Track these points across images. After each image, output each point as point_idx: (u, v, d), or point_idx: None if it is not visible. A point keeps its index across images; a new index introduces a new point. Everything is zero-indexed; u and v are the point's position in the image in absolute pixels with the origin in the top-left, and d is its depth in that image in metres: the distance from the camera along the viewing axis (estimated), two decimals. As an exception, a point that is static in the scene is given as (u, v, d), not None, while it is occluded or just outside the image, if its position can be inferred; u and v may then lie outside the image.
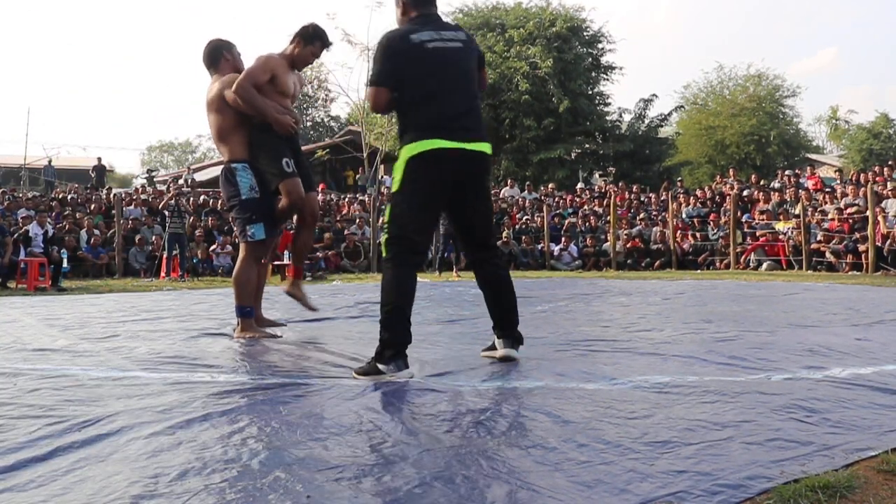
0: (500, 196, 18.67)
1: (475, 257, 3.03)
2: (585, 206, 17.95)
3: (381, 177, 22.57)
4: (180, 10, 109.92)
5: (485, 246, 3.01)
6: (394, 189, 2.85)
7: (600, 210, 17.39)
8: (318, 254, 13.84)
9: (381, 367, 2.67)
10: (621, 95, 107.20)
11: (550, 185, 21.43)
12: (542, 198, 18.86)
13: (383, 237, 2.85)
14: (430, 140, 2.76)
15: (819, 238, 12.52)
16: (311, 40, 3.95)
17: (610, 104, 27.78)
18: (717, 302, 6.06)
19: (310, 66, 4.02)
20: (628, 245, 14.99)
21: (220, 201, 16.73)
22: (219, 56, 4.04)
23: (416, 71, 2.82)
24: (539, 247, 15.67)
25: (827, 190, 14.65)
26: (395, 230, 2.81)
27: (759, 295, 6.86)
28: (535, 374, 2.75)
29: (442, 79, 2.84)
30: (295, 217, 4.23)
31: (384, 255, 2.84)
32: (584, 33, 26.89)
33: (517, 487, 1.56)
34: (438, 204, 2.89)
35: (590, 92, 26.86)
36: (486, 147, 2.90)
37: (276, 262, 10.32)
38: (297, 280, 4.21)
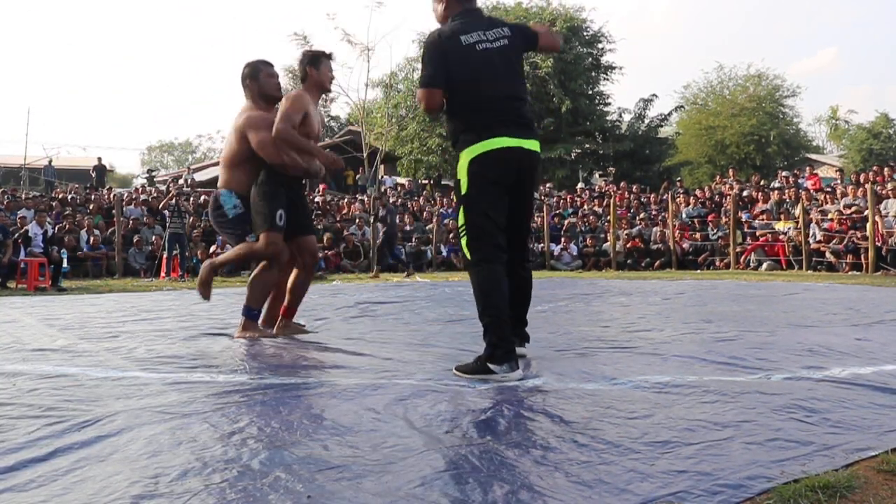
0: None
1: (509, 256, 2.96)
2: (585, 206, 17.96)
3: (381, 177, 22.55)
4: (180, 10, 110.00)
5: (521, 245, 3.02)
6: (462, 192, 2.81)
7: (600, 210, 17.40)
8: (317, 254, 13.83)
9: (492, 366, 2.66)
10: (621, 95, 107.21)
11: (548, 185, 21.44)
12: (542, 198, 18.86)
13: (464, 240, 2.82)
14: (491, 140, 2.76)
15: (819, 238, 12.52)
16: (319, 60, 3.99)
17: (610, 104, 27.81)
18: (717, 302, 6.06)
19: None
20: (628, 245, 15.00)
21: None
22: (244, 84, 4.07)
23: (468, 73, 2.81)
24: (539, 247, 15.67)
25: (827, 190, 14.65)
26: (475, 231, 2.79)
27: (759, 295, 6.86)
28: (536, 374, 2.75)
29: (493, 80, 2.83)
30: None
31: (469, 258, 2.81)
32: (584, 33, 26.89)
33: (517, 487, 1.56)
34: (505, 200, 2.85)
35: (590, 92, 26.86)
36: (538, 145, 2.92)
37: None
38: (289, 321, 4.12)
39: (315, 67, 3.97)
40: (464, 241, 2.84)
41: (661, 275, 12.16)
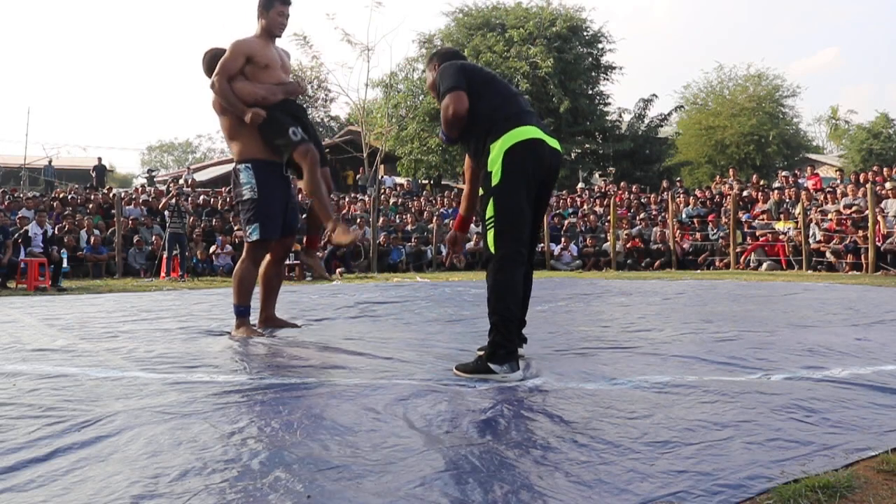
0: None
1: None
2: (585, 206, 17.95)
3: (381, 177, 22.57)
4: (181, 9, 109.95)
5: (531, 243, 3.01)
6: (494, 182, 2.74)
7: (600, 210, 17.39)
8: (318, 254, 13.83)
9: (493, 366, 2.65)
10: (621, 95, 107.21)
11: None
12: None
13: (491, 232, 2.75)
14: (526, 127, 2.77)
15: (819, 238, 12.52)
16: (271, 3, 3.95)
17: (610, 104, 27.80)
18: (717, 302, 6.06)
19: (286, 28, 3.98)
20: (628, 245, 15.00)
21: (220, 201, 16.77)
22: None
23: (490, 82, 2.92)
24: (539, 247, 15.66)
25: (827, 190, 14.66)
26: (505, 225, 2.73)
27: (759, 295, 6.86)
28: (536, 374, 2.75)
29: (512, 90, 2.96)
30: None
31: (493, 251, 2.75)
32: (584, 33, 26.88)
33: (517, 487, 1.56)
34: (533, 195, 2.83)
35: (590, 92, 26.86)
36: (560, 147, 2.95)
37: (287, 263, 10.32)
38: (312, 249, 4.35)
39: (266, 12, 3.95)
40: (490, 234, 2.76)
41: (661, 275, 12.16)
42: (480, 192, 2.89)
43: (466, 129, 2.90)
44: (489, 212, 2.76)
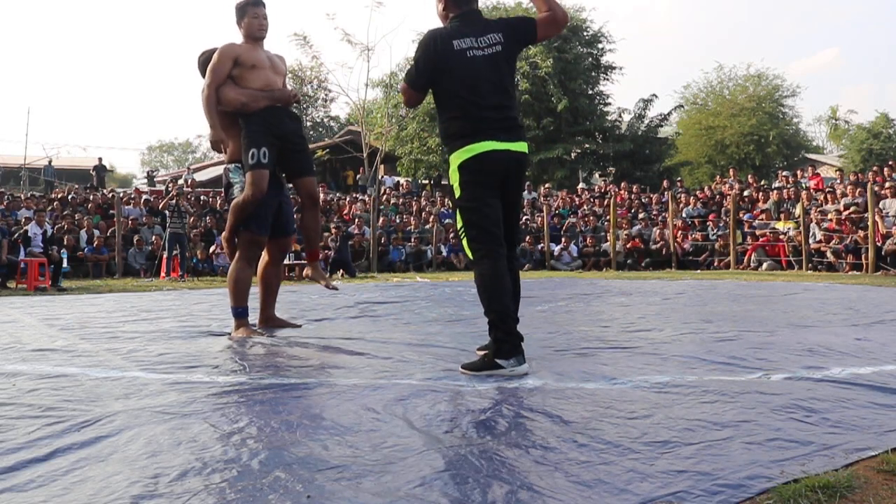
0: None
1: None
2: (585, 206, 17.95)
3: (381, 177, 22.55)
4: (181, 9, 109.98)
5: (509, 243, 3.04)
6: (457, 195, 2.90)
7: (600, 210, 17.40)
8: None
9: (500, 361, 2.71)
10: (621, 95, 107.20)
11: (548, 185, 21.44)
12: (542, 198, 18.86)
13: (464, 241, 2.91)
14: (478, 143, 2.84)
15: (819, 238, 12.52)
16: (243, 10, 3.98)
17: (610, 104, 27.77)
18: (717, 302, 6.06)
19: (265, 30, 4.02)
20: (628, 245, 14.99)
21: (220, 201, 16.76)
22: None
23: (456, 80, 2.89)
24: (539, 247, 15.67)
25: (827, 190, 14.66)
26: (474, 230, 2.86)
27: (759, 295, 6.86)
28: (535, 374, 2.75)
29: (479, 88, 2.88)
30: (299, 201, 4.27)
31: (471, 256, 2.89)
32: (584, 33, 26.86)
33: (517, 487, 1.56)
34: (497, 196, 2.92)
35: (590, 92, 26.84)
36: (525, 147, 2.98)
37: (286, 264, 10.33)
38: (315, 262, 4.34)
39: (242, 20, 3.97)
40: (465, 242, 2.91)
41: (661, 275, 12.15)
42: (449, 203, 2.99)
43: (437, 113, 3.06)
44: (459, 223, 2.92)
